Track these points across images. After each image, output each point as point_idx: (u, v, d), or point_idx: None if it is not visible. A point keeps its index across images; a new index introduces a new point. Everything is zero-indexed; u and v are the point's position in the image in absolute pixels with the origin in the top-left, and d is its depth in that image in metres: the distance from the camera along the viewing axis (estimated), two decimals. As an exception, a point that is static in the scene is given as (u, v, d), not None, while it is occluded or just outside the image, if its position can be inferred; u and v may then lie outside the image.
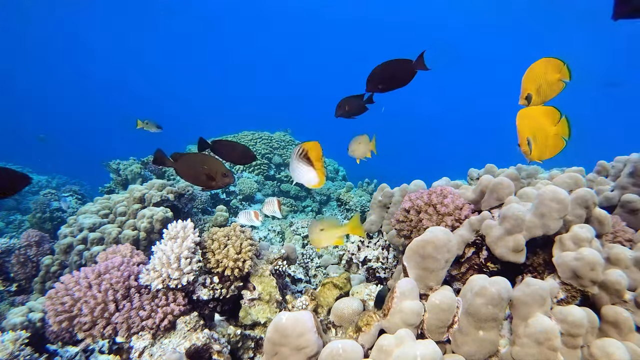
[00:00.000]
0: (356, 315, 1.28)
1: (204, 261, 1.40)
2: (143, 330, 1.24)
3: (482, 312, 0.85)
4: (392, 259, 1.67)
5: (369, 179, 4.14)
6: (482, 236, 1.11)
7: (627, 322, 0.88)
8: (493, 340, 0.87)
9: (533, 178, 1.63)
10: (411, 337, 0.82)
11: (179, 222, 1.41)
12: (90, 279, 1.27)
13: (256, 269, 1.50)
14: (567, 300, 0.95)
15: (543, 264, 1.05)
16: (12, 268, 2.25)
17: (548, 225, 0.98)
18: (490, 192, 1.20)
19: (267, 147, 4.27)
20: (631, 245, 1.11)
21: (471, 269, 1.14)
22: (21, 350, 1.42)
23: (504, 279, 0.87)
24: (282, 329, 0.82)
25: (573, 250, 0.95)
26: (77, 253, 2.11)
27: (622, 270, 0.93)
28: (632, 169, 1.33)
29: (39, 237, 2.36)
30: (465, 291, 0.95)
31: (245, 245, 1.43)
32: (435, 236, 0.98)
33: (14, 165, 5.81)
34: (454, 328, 0.93)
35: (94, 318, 1.22)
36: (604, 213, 1.07)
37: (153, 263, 1.28)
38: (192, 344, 1.18)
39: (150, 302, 1.26)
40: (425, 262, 0.98)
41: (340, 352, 0.78)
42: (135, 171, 3.50)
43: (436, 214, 1.25)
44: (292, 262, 1.72)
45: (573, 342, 0.83)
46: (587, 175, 1.55)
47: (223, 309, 1.45)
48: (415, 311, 0.90)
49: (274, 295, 1.46)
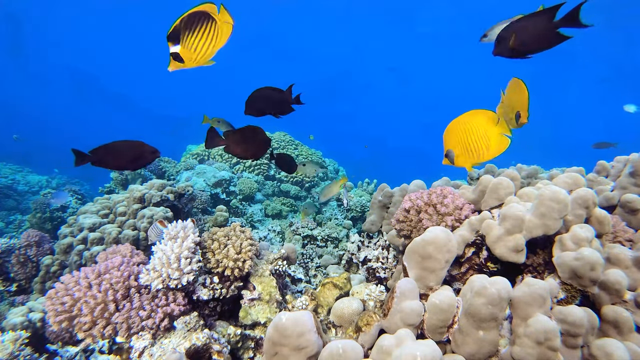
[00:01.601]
0: (356, 315, 1.28)
1: (204, 261, 1.40)
2: (143, 330, 1.24)
3: (482, 312, 0.85)
4: (392, 259, 1.67)
5: (369, 179, 4.15)
6: (482, 236, 1.11)
7: (627, 322, 0.88)
8: (493, 340, 0.87)
9: (533, 178, 1.63)
10: (411, 337, 0.82)
11: (179, 222, 1.41)
12: (90, 279, 1.27)
13: (256, 269, 1.50)
14: (567, 300, 0.95)
15: (543, 264, 1.05)
16: (12, 268, 2.25)
17: (548, 225, 0.98)
18: (490, 192, 1.20)
19: (267, 147, 4.27)
20: (631, 245, 1.11)
21: (471, 269, 1.14)
22: (21, 350, 1.42)
23: (504, 279, 0.87)
24: (282, 329, 0.82)
25: (573, 250, 0.95)
26: (77, 253, 2.11)
27: (622, 270, 0.93)
28: (632, 169, 1.34)
29: (39, 237, 2.36)
30: (465, 291, 0.95)
31: (245, 245, 1.43)
32: (436, 236, 0.98)
33: (13, 166, 5.81)
34: (454, 328, 0.93)
35: (94, 318, 1.22)
36: (604, 213, 1.07)
37: (153, 263, 1.28)
38: (192, 344, 1.18)
39: (150, 302, 1.26)
40: (425, 262, 0.98)
41: (340, 352, 0.78)
42: (135, 171, 3.50)
43: (436, 214, 1.25)
44: (292, 262, 1.72)
45: (573, 342, 0.83)
46: (587, 175, 1.55)
47: (223, 309, 1.45)
48: (415, 311, 0.90)
49: (274, 295, 1.46)
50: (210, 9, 0.96)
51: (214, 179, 3.58)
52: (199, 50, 0.96)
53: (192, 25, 0.94)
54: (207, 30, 0.95)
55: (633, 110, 3.89)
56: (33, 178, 5.51)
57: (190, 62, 0.96)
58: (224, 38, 0.99)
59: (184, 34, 0.93)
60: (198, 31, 0.94)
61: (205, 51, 0.97)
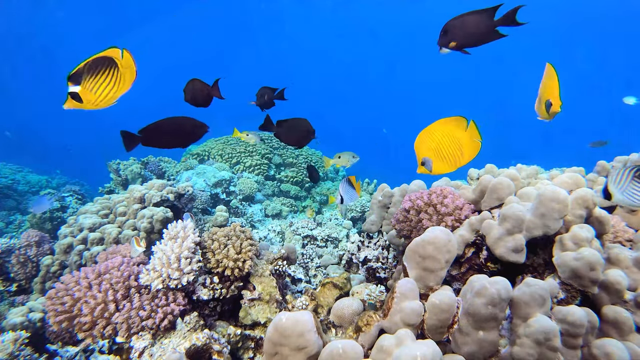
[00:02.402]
0: (356, 316, 1.28)
1: (204, 261, 1.40)
2: (143, 330, 1.24)
3: (482, 312, 0.85)
4: (392, 259, 1.67)
5: (369, 179, 4.14)
6: (482, 236, 1.11)
7: (627, 322, 0.88)
8: (493, 340, 0.87)
9: (533, 178, 1.63)
10: (411, 337, 0.82)
11: (179, 222, 1.41)
12: (91, 279, 1.27)
13: (256, 269, 1.50)
14: (567, 300, 0.95)
15: (543, 264, 1.05)
16: (12, 268, 2.25)
17: (548, 225, 0.98)
18: (490, 192, 1.20)
19: (267, 147, 4.27)
20: (631, 245, 1.11)
21: (471, 269, 1.14)
22: (21, 350, 1.42)
23: (504, 279, 0.87)
24: (282, 329, 0.82)
25: (573, 250, 0.95)
26: (77, 253, 2.11)
27: (622, 270, 0.94)
28: (632, 169, 1.33)
29: (39, 237, 2.36)
30: (465, 291, 0.95)
31: (245, 245, 1.43)
32: (436, 236, 0.98)
33: (13, 165, 5.81)
34: (454, 328, 0.93)
35: (94, 318, 1.22)
36: (604, 213, 1.07)
37: (153, 263, 1.29)
38: (192, 344, 1.18)
39: (150, 302, 1.26)
40: (425, 262, 0.98)
41: (340, 352, 0.78)
42: (135, 171, 3.50)
43: (436, 214, 1.25)
44: (292, 262, 1.72)
45: (573, 342, 0.83)
46: (587, 175, 1.55)
47: (223, 309, 1.45)
48: (415, 311, 0.90)
49: (274, 296, 1.46)
50: (114, 54, 0.98)
51: (214, 179, 3.58)
52: (99, 93, 0.99)
53: (95, 69, 0.96)
54: (109, 76, 0.98)
55: (633, 102, 3.86)
56: (33, 178, 5.51)
57: (89, 104, 0.99)
58: (127, 84, 1.02)
59: (86, 77, 0.95)
60: (99, 76, 0.97)
61: (105, 95, 1.00)
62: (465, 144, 1.11)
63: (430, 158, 1.11)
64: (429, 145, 1.11)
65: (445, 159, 1.12)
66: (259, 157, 4.16)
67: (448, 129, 1.10)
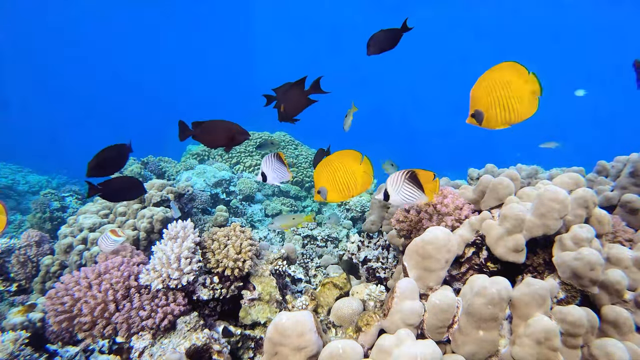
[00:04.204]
0: (356, 315, 1.28)
1: (204, 261, 1.40)
2: (143, 330, 1.24)
3: (482, 312, 0.85)
4: (392, 259, 1.67)
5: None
6: (482, 236, 1.11)
7: (627, 322, 0.88)
8: (493, 340, 0.87)
9: (533, 178, 1.63)
10: (411, 337, 0.82)
11: (179, 222, 1.41)
12: (91, 279, 1.27)
13: (256, 269, 1.50)
14: (567, 300, 0.95)
15: (543, 264, 1.05)
16: (12, 268, 2.25)
17: (548, 225, 0.98)
18: (490, 192, 1.20)
19: (267, 147, 4.27)
20: (631, 245, 1.11)
21: (471, 269, 1.14)
22: (21, 350, 1.42)
23: (504, 279, 0.87)
24: (282, 329, 0.82)
25: (573, 250, 0.95)
26: (77, 253, 2.11)
27: (622, 270, 0.93)
28: (632, 168, 1.34)
29: (39, 237, 2.36)
30: (465, 291, 0.95)
31: (245, 245, 1.43)
32: (436, 236, 0.98)
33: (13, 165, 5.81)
34: (454, 328, 0.93)
35: (94, 318, 1.22)
36: (604, 213, 1.07)
37: (153, 263, 1.28)
38: (192, 344, 1.18)
39: (150, 302, 1.26)
40: (425, 262, 0.98)
41: (340, 352, 0.78)
42: (135, 171, 3.50)
43: (436, 213, 1.25)
44: (292, 262, 1.72)
45: (573, 342, 0.83)
46: (587, 175, 1.55)
47: (223, 309, 1.45)
48: (415, 311, 0.90)
49: (274, 296, 1.46)
50: None
51: (214, 179, 3.58)
52: None
53: None
54: None
55: (582, 94, 4.02)
56: (33, 178, 5.51)
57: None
58: None
59: None
60: None
61: None
62: (359, 176, 1.16)
63: (327, 187, 1.17)
64: (326, 174, 1.17)
65: (340, 190, 1.18)
66: (258, 157, 4.16)
67: (345, 161, 1.16)
